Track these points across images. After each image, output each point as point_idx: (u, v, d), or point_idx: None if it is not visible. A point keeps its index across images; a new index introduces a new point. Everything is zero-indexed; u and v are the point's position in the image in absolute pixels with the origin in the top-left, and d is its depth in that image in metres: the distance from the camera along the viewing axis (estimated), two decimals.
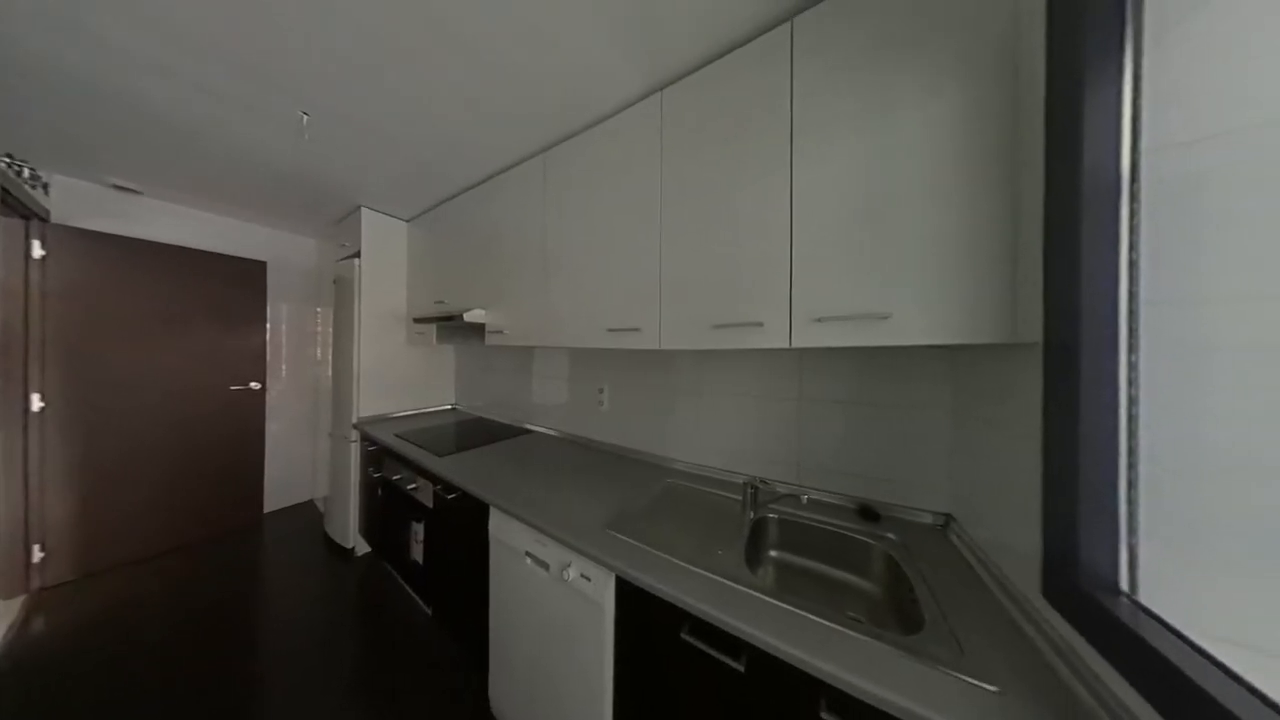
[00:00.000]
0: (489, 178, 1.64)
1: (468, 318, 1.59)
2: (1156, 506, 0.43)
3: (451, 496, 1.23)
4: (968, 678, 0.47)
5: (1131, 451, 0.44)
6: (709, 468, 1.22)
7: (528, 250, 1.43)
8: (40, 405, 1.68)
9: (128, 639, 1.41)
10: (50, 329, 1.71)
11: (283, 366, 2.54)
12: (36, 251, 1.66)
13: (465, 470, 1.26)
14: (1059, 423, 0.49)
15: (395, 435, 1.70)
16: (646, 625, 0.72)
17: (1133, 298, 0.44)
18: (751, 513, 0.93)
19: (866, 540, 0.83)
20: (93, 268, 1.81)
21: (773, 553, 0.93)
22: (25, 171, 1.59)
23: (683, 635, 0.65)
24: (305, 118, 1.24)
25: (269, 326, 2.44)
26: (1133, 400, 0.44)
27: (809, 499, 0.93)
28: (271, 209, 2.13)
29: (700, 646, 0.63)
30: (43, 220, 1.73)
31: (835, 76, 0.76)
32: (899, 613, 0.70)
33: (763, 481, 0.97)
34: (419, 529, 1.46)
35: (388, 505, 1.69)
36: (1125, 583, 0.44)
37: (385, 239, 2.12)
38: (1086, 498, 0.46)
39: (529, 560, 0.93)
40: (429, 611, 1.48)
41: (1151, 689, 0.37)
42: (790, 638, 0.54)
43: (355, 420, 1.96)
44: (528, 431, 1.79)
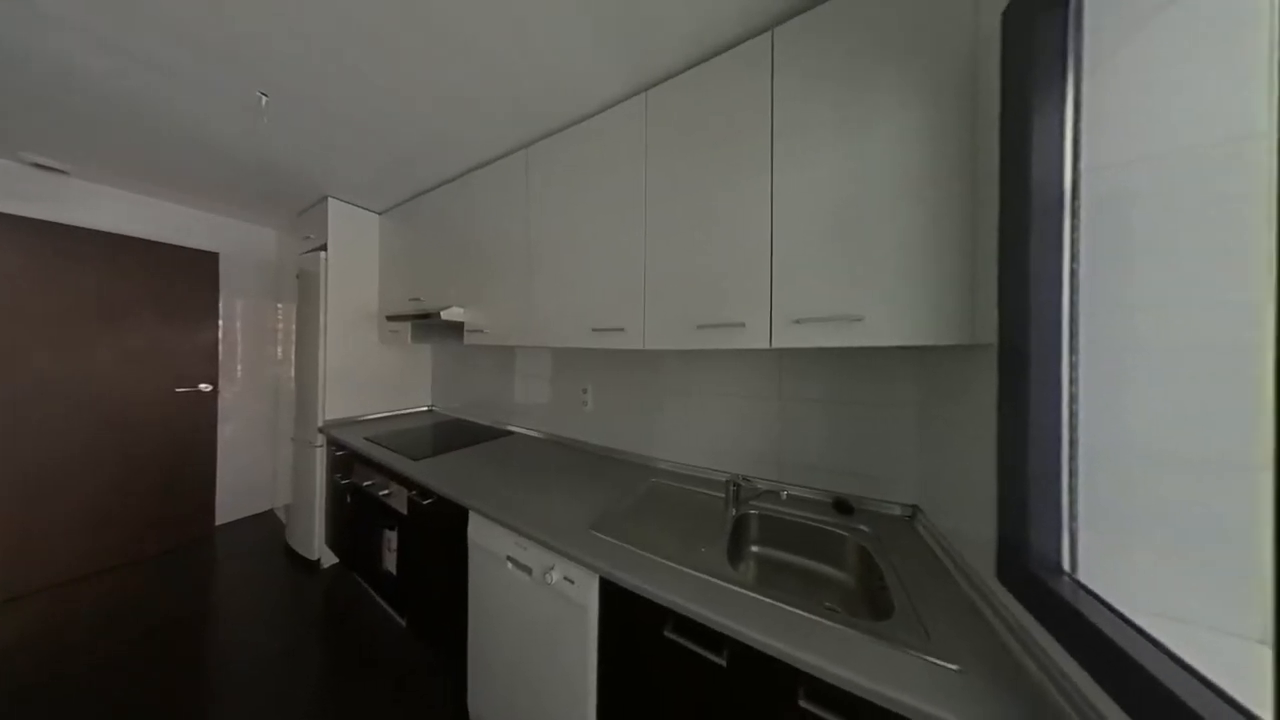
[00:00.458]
0: (468, 171, 1.59)
1: (446, 316, 1.53)
2: (1092, 494, 0.47)
3: (428, 502, 1.19)
4: (933, 659, 0.50)
5: (1072, 445, 0.48)
6: (693, 466, 1.23)
7: (509, 247, 1.40)
8: None
9: (48, 668, 1.27)
10: None
11: (238, 366, 2.36)
12: None
13: (443, 474, 1.22)
14: (1011, 419, 0.53)
15: (366, 439, 1.62)
16: (630, 625, 0.72)
17: (1073, 304, 0.48)
18: (734, 510, 0.95)
19: (841, 533, 0.86)
20: (8, 256, 1.61)
21: (754, 548, 0.96)
22: None
23: (666, 633, 0.65)
24: (264, 99, 1.15)
25: (222, 323, 2.26)
26: (1073, 398, 0.48)
27: (788, 495, 0.96)
28: (225, 196, 1.97)
29: (684, 644, 0.63)
30: None
31: (814, 86, 0.79)
32: (871, 601, 0.74)
33: (745, 479, 0.99)
34: (392, 537, 1.40)
35: (357, 513, 1.60)
36: (1067, 564, 0.48)
37: (355, 232, 2.00)
38: (1035, 488, 0.50)
39: (510, 565, 0.91)
40: (403, 622, 1.41)
41: (1087, 658, 0.41)
42: (770, 630, 0.56)
43: (321, 423, 1.84)
44: (509, 433, 1.75)
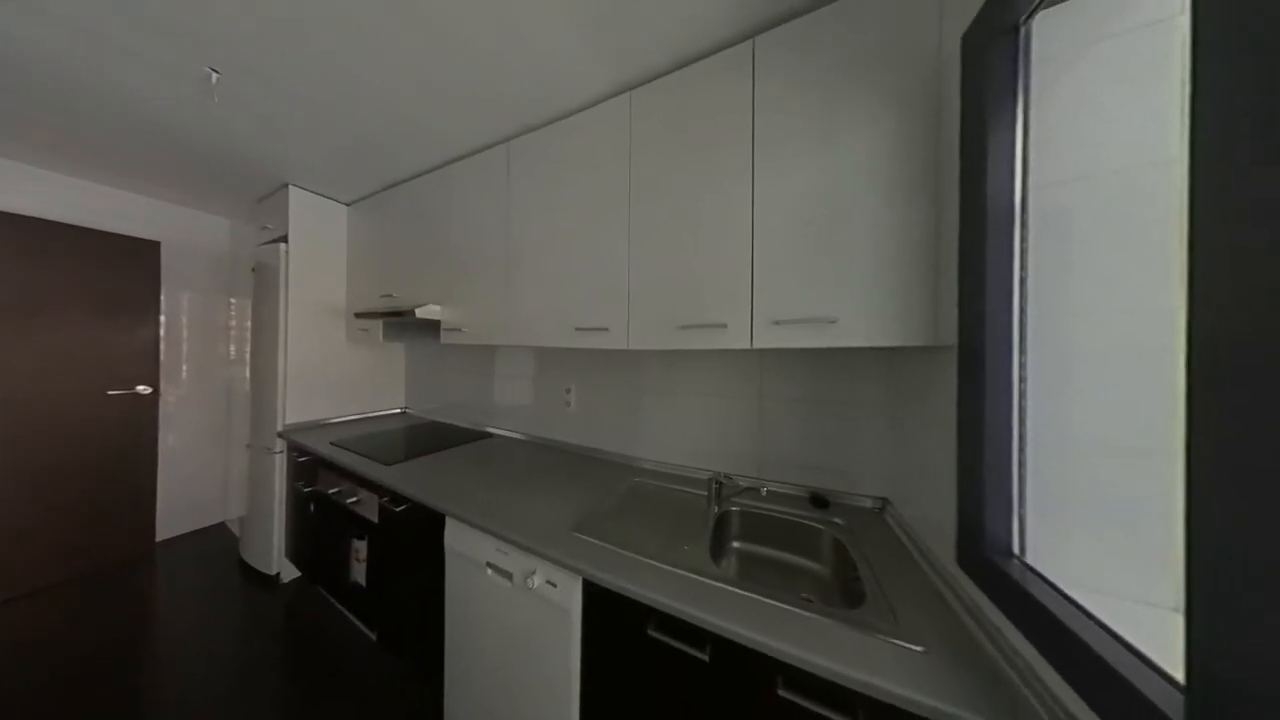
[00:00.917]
0: (446, 164, 1.53)
1: (420, 314, 1.47)
2: (1038, 482, 0.51)
3: (401, 509, 1.13)
4: (900, 642, 0.53)
5: (1021, 438, 0.52)
6: (676, 465, 1.24)
7: (489, 244, 1.36)
8: None
9: None
10: None
11: (183, 367, 2.16)
12: None
13: (417, 479, 1.17)
14: (969, 414, 0.57)
15: (332, 444, 1.52)
16: (613, 626, 0.71)
17: (1023, 309, 0.53)
18: (716, 507, 0.96)
19: (817, 526, 0.90)
20: None
21: (735, 544, 0.98)
22: None
23: (650, 632, 0.65)
24: (214, 76, 1.06)
25: (164, 319, 2.06)
26: (1022, 395, 0.52)
27: (768, 491, 0.99)
28: (169, 180, 1.79)
29: (667, 641, 0.64)
30: None
31: (792, 96, 0.81)
32: (845, 590, 0.77)
33: (726, 477, 1.02)
34: (361, 547, 1.32)
35: (322, 523, 1.50)
36: (1017, 548, 0.52)
37: (319, 223, 1.88)
38: (989, 478, 0.54)
39: (490, 571, 0.88)
40: (373, 636, 1.34)
41: (1034, 633, 0.45)
42: (750, 623, 0.57)
43: (281, 428, 1.72)
44: (489, 435, 1.70)
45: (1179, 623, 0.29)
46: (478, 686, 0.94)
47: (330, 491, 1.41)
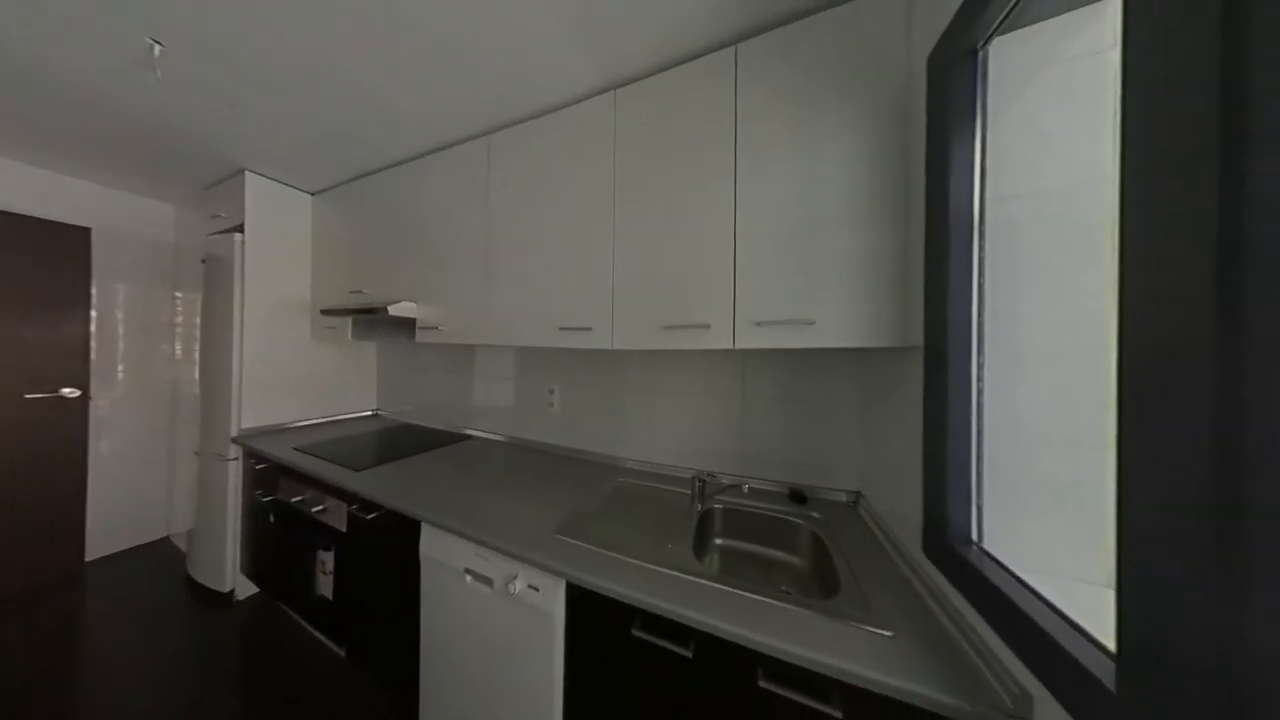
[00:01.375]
0: (422, 155, 1.47)
1: (394, 311, 1.40)
2: (992, 473, 0.56)
3: (372, 516, 1.08)
4: (871, 628, 0.56)
5: (979, 432, 0.56)
6: (660, 465, 1.25)
7: (468, 240, 1.32)
8: None
9: None
10: None
11: (119, 367, 1.96)
12: None
13: (390, 484, 1.11)
14: (934, 411, 0.61)
15: (296, 449, 1.43)
16: (597, 628, 0.71)
17: (980, 313, 0.57)
18: (699, 505, 0.98)
19: (796, 521, 0.93)
20: None
21: (718, 541, 0.99)
22: None
23: (634, 632, 0.65)
24: (156, 48, 0.96)
25: (96, 315, 1.86)
26: (980, 393, 0.56)
27: (749, 488, 1.01)
28: (103, 160, 1.62)
29: (652, 640, 0.64)
30: None
31: (774, 104, 0.84)
32: (822, 581, 0.80)
33: (710, 475, 1.03)
34: (327, 558, 1.24)
35: (284, 534, 1.40)
36: (975, 535, 0.56)
37: (280, 212, 1.76)
38: (952, 470, 0.57)
39: (469, 578, 0.86)
40: (341, 652, 1.27)
41: (989, 612, 0.48)
42: (732, 618, 0.58)
43: (236, 433, 1.59)
44: (467, 437, 1.64)
45: (1110, 598, 0.32)
46: (455, 696, 0.91)
47: (293, 500, 1.32)
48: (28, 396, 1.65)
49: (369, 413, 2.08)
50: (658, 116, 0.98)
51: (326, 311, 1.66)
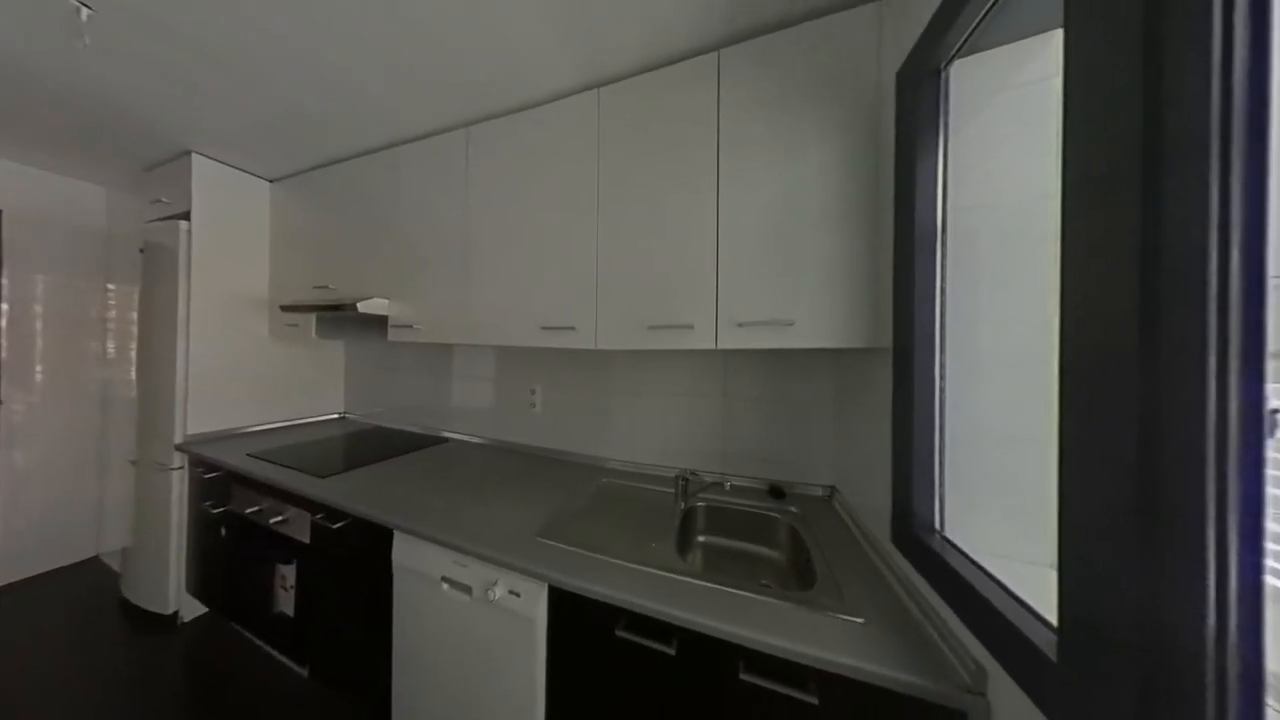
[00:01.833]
0: (396, 144, 1.40)
1: (364, 308, 1.32)
2: (953, 466, 0.60)
3: (339, 525, 1.01)
4: (844, 616, 0.59)
5: (941, 428, 0.60)
6: (644, 464, 1.25)
7: (445, 234, 1.27)
8: None
9: None
10: None
11: (36, 368, 1.74)
12: None
13: (360, 491, 1.05)
14: (901, 409, 0.64)
15: (251, 455, 1.32)
16: (581, 631, 0.70)
17: (943, 317, 0.61)
18: (682, 503, 0.99)
19: (775, 516, 0.96)
20: None
21: (701, 538, 1.01)
22: None
23: (618, 632, 0.65)
24: (84, 11, 0.86)
25: (6, 309, 1.64)
26: (942, 391, 0.60)
27: (731, 485, 1.03)
28: (21, 136, 1.43)
29: (635, 640, 0.64)
30: None
31: (755, 110, 0.86)
32: (799, 573, 0.83)
33: (693, 473, 1.04)
34: (288, 572, 1.16)
35: (237, 548, 1.30)
36: (938, 524, 0.60)
37: (234, 200, 1.62)
38: (918, 464, 0.61)
39: (446, 586, 0.83)
40: (304, 672, 1.19)
41: (949, 595, 0.52)
42: (713, 613, 0.59)
43: (181, 440, 1.45)
44: (444, 440, 1.58)
45: (1052, 577, 0.35)
46: (431, 710, 0.88)
47: (248, 511, 1.22)
48: None
49: (335, 415, 1.96)
50: (642, 117, 0.98)
51: (287, 308, 1.55)
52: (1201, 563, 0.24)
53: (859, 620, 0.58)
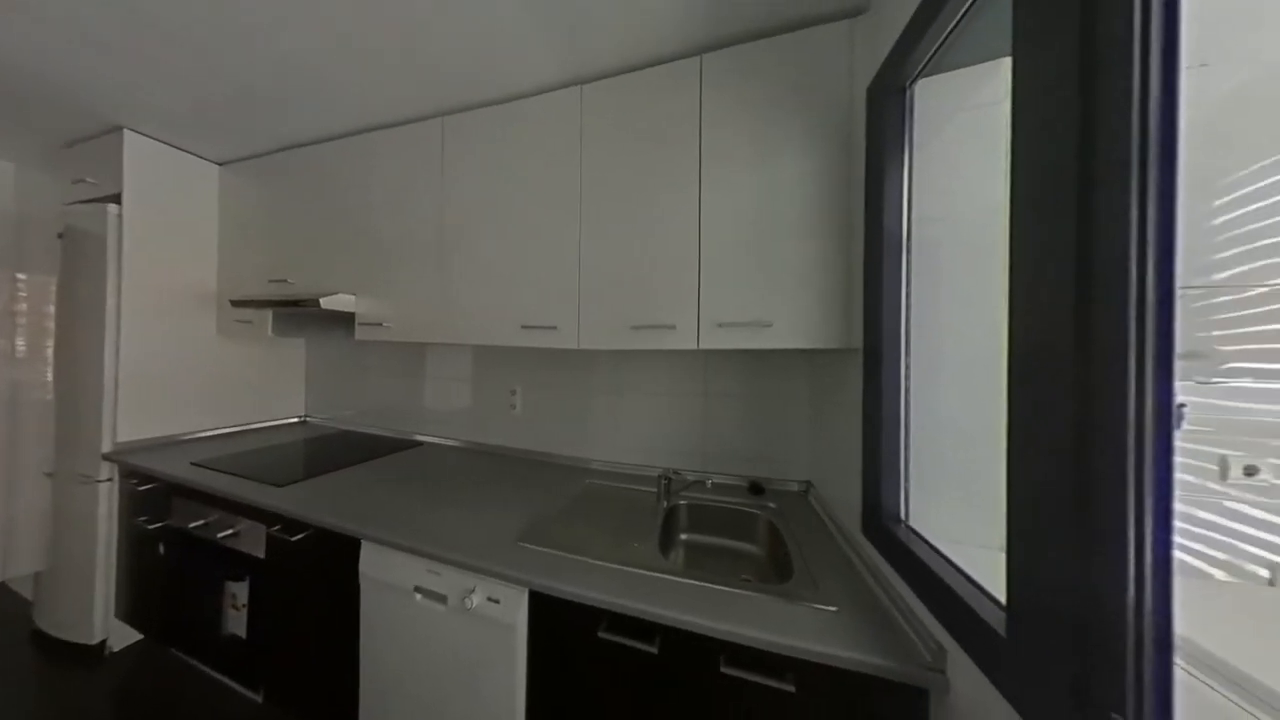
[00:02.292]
0: (364, 130, 1.32)
1: (327, 304, 1.24)
2: (916, 459, 0.64)
3: (299, 538, 0.94)
4: (818, 606, 0.61)
5: (906, 424, 0.64)
6: (627, 465, 1.25)
7: (419, 229, 1.21)
8: None
9: None
10: None
11: None
12: None
13: (323, 500, 0.99)
14: (870, 406, 0.68)
15: (195, 464, 1.21)
16: (562, 634, 0.69)
17: (908, 320, 0.65)
18: (665, 502, 1.00)
19: (755, 512, 0.98)
20: None
21: (683, 536, 1.02)
22: None
23: (600, 634, 0.65)
24: None
25: None
26: (908, 390, 0.64)
27: (712, 483, 1.05)
28: None
29: (618, 641, 0.64)
30: None
31: (736, 116, 0.88)
32: (778, 566, 0.86)
33: (675, 472, 1.05)
34: (240, 590, 1.07)
35: (179, 566, 1.18)
36: (904, 514, 0.64)
37: (175, 182, 1.47)
38: (886, 458, 0.65)
39: (419, 596, 0.79)
40: (258, 698, 1.10)
41: (911, 578, 0.55)
42: (696, 609, 0.60)
43: (109, 448, 1.30)
44: (417, 444, 1.51)
45: (1001, 559, 0.38)
46: None
47: (191, 526, 1.12)
48: None
49: (296, 419, 1.82)
50: (625, 116, 0.98)
51: (239, 303, 1.42)
52: (1124, 541, 0.27)
53: (832, 609, 0.60)
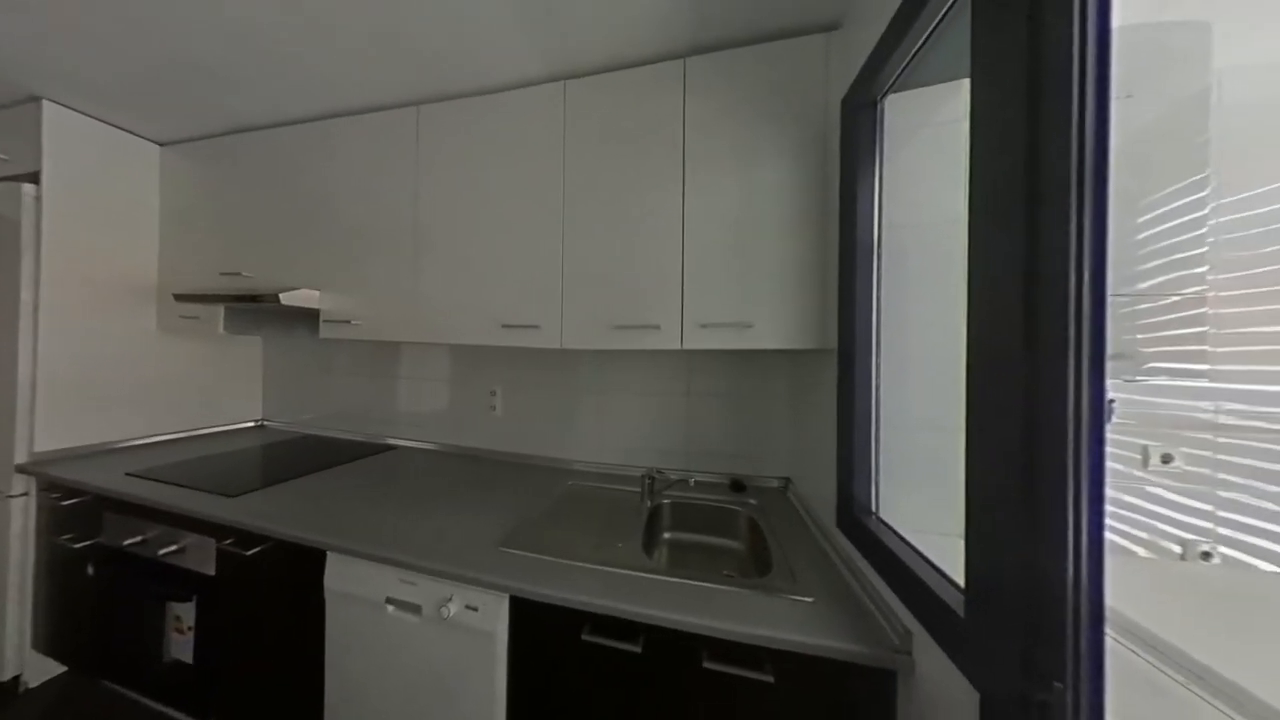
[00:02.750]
0: (331, 115, 1.24)
1: (288, 300, 1.16)
2: (884, 452, 0.67)
3: (254, 552, 0.87)
4: (796, 597, 0.63)
5: (877, 420, 0.68)
6: (611, 465, 1.24)
7: (392, 222, 1.15)
8: None
9: None
10: None
11: None
12: None
13: (283, 509, 0.92)
14: (844, 403, 0.71)
15: (130, 475, 1.09)
16: (545, 639, 0.68)
17: (879, 321, 0.68)
18: (649, 501, 1.00)
19: (736, 508, 1.01)
20: None
21: (666, 534, 1.03)
22: None
23: (584, 637, 0.64)
24: None
25: None
26: (878, 388, 0.68)
27: (695, 481, 1.06)
28: None
29: (602, 643, 0.64)
30: None
31: (718, 121, 0.89)
32: (758, 560, 0.88)
33: (659, 471, 1.06)
34: (185, 611, 0.98)
35: (111, 588, 1.06)
36: (874, 506, 0.68)
37: (106, 163, 1.33)
38: (858, 453, 0.68)
39: (391, 609, 0.75)
40: None
41: (881, 567, 0.59)
42: (677, 606, 0.61)
43: (26, 459, 1.16)
44: (389, 448, 1.44)
45: (960, 545, 0.41)
46: None
47: (127, 543, 1.01)
48: None
49: (252, 424, 1.69)
50: (610, 114, 0.97)
51: (185, 297, 1.30)
52: (1064, 525, 0.30)
53: (809, 600, 0.63)
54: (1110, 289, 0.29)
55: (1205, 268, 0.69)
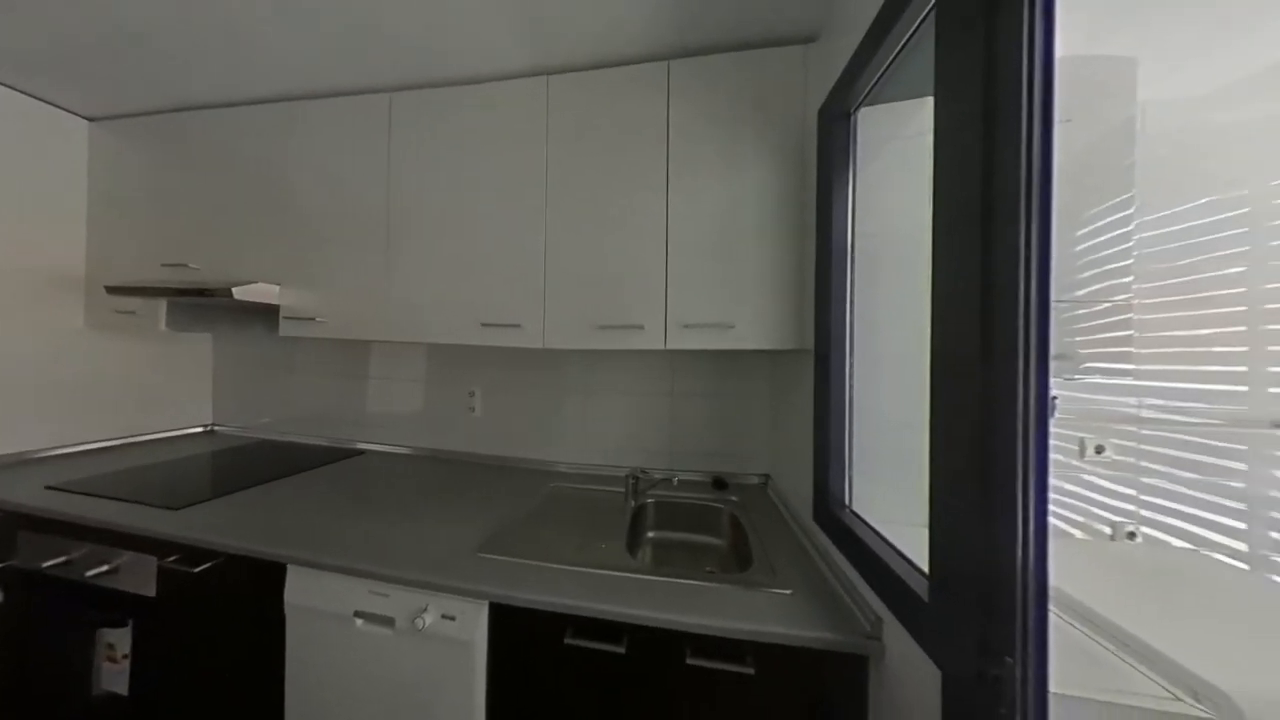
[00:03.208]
0: (293, 98, 1.16)
1: (243, 295, 1.07)
2: (858, 448, 0.71)
3: (203, 569, 0.80)
4: (775, 590, 0.65)
5: (850, 418, 0.71)
6: (594, 466, 1.24)
7: (361, 214, 1.09)
8: None
9: None
10: None
11: None
12: None
13: (236, 521, 0.85)
14: (820, 402, 0.74)
15: (51, 488, 0.98)
16: (526, 646, 0.67)
17: (852, 323, 0.71)
18: (633, 501, 1.00)
19: (718, 506, 1.03)
20: None
21: (650, 534, 1.03)
22: None
23: (567, 640, 0.63)
24: None
25: None
26: (852, 387, 0.71)
27: (679, 480, 1.07)
28: None
29: (585, 645, 0.63)
30: None
31: (702, 125, 0.91)
32: (739, 556, 0.90)
33: (643, 471, 1.06)
34: (119, 638, 0.88)
35: (29, 615, 0.95)
36: (848, 500, 0.71)
37: (21, 138, 1.18)
38: (833, 449, 0.71)
39: (360, 623, 0.71)
40: None
41: (853, 557, 0.61)
42: (662, 605, 0.61)
43: None
44: (358, 452, 1.36)
45: (924, 534, 0.43)
46: None
47: (46, 565, 0.90)
48: None
49: (200, 429, 1.55)
50: (594, 113, 0.96)
51: (118, 290, 1.18)
52: (1014, 512, 0.32)
53: (787, 592, 0.65)
54: (1053, 296, 0.32)
55: (1131, 278, 0.77)
